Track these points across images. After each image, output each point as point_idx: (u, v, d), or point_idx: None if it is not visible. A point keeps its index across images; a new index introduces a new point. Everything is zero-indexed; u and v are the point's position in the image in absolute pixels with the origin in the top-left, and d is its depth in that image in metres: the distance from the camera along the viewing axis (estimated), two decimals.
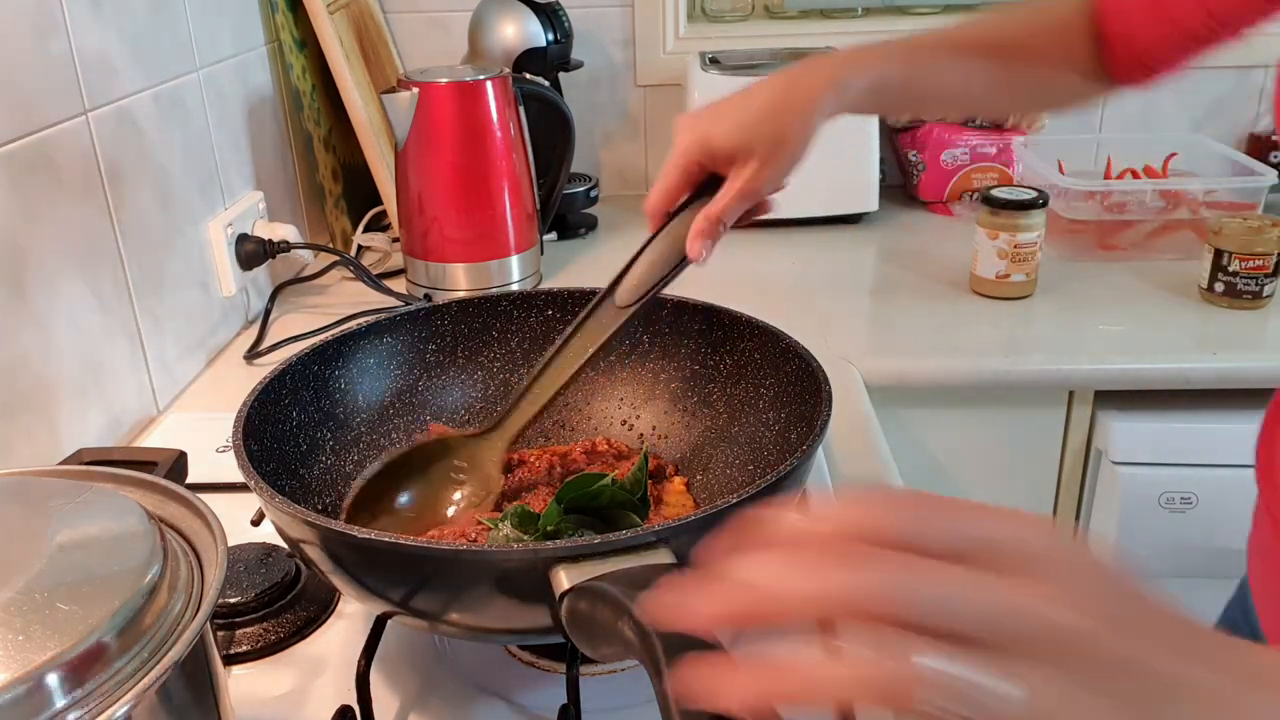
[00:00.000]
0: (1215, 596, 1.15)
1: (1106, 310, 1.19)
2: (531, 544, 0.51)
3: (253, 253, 1.16)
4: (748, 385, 0.77)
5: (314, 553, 0.57)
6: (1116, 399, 1.12)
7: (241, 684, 0.66)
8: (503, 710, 0.64)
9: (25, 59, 0.81)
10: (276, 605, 0.71)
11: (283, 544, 0.73)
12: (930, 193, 1.53)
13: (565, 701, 0.59)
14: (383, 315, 0.80)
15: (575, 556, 0.50)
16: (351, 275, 1.29)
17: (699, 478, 0.77)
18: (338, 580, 0.58)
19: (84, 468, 0.56)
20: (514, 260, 1.22)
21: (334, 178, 1.40)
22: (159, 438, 0.95)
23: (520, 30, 1.36)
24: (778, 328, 0.74)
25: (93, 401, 0.89)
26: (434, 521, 0.71)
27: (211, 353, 1.12)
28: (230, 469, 0.63)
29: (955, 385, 1.09)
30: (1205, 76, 1.56)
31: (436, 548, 0.54)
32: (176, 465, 0.63)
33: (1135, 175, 1.38)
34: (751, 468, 0.74)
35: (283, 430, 0.70)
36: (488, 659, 0.68)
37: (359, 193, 1.45)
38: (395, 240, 1.36)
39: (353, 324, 0.79)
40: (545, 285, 1.27)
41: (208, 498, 0.52)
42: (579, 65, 1.45)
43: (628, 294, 0.71)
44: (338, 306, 1.22)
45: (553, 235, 1.42)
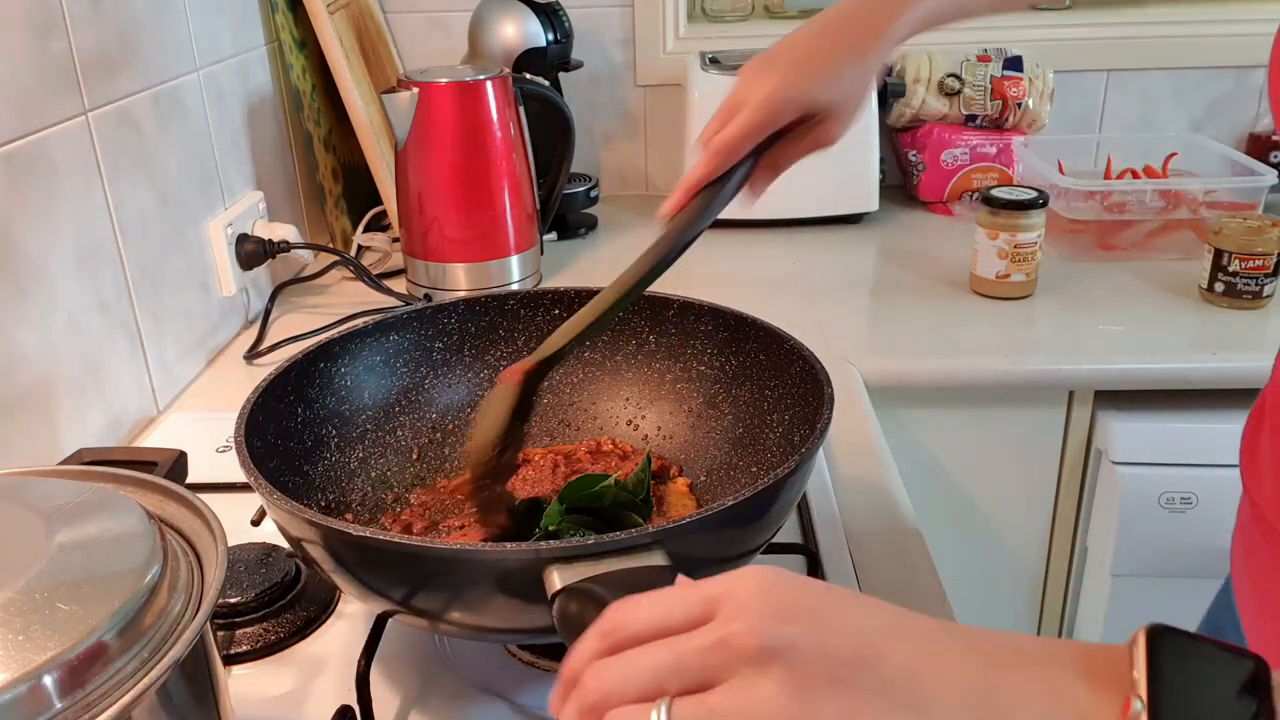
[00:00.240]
0: (1214, 596, 1.15)
1: (1106, 310, 1.18)
2: (528, 544, 0.51)
3: (253, 253, 1.16)
4: (752, 387, 0.76)
5: (315, 551, 0.57)
6: (1116, 399, 1.12)
7: (241, 684, 0.66)
8: (503, 710, 0.64)
9: (25, 59, 0.81)
10: (276, 605, 0.71)
11: (283, 544, 0.73)
12: (930, 193, 1.53)
13: None
14: (389, 313, 0.80)
15: (569, 557, 0.50)
16: (351, 275, 1.29)
17: (702, 479, 0.77)
18: (338, 578, 0.58)
19: (84, 468, 0.56)
20: (514, 260, 1.22)
21: (334, 178, 1.40)
22: (159, 438, 0.95)
23: (520, 30, 1.36)
24: (782, 330, 0.74)
25: (93, 401, 0.89)
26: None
27: (211, 353, 1.12)
28: (230, 469, 0.63)
29: (955, 385, 1.09)
30: (1205, 76, 1.56)
31: (436, 547, 0.54)
32: (176, 465, 0.63)
33: (1135, 175, 1.38)
34: (755, 469, 0.74)
35: (287, 427, 0.70)
36: (488, 659, 0.68)
37: (359, 193, 1.45)
38: (395, 240, 1.36)
39: (359, 321, 0.79)
40: (546, 285, 1.27)
41: (208, 498, 0.52)
42: (579, 65, 1.45)
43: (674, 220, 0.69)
44: (338, 306, 1.22)
45: (553, 235, 1.42)
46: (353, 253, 1.38)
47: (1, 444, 0.77)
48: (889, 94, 1.48)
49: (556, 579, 0.49)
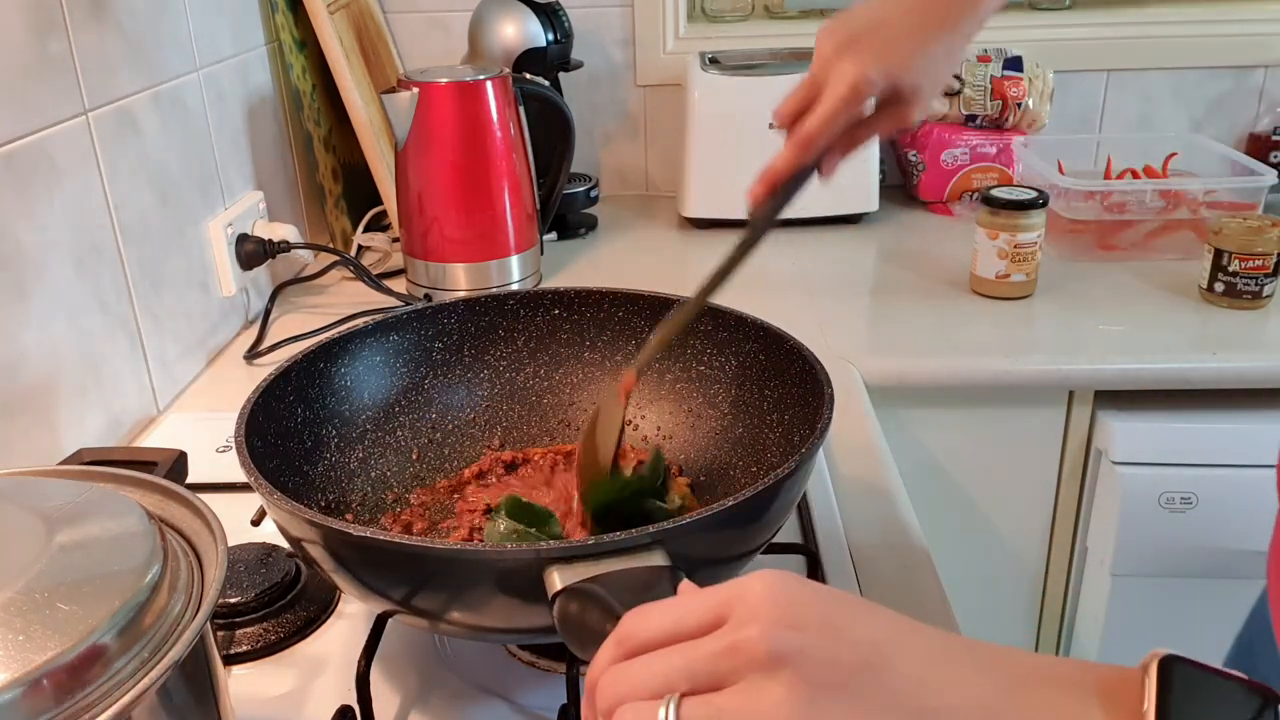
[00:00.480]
0: (1215, 596, 1.15)
1: (1106, 310, 1.18)
2: (528, 544, 0.51)
3: (253, 253, 1.16)
4: (752, 387, 0.77)
5: (315, 551, 0.57)
6: (1116, 399, 1.12)
7: (241, 684, 0.66)
8: (503, 710, 0.64)
9: (25, 59, 0.81)
10: (276, 605, 0.71)
11: (283, 544, 0.73)
12: (930, 193, 1.52)
13: (565, 701, 0.59)
14: (389, 313, 0.80)
15: (570, 557, 0.50)
16: (351, 275, 1.29)
17: (702, 479, 0.77)
18: (338, 579, 0.58)
19: (84, 468, 0.56)
20: (514, 260, 1.22)
21: (334, 178, 1.40)
22: (159, 438, 0.95)
23: (520, 30, 1.36)
24: (782, 330, 0.74)
25: (93, 401, 0.89)
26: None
27: (211, 353, 1.12)
28: (230, 469, 0.63)
29: (955, 385, 1.09)
30: (1205, 76, 1.56)
31: (436, 547, 0.54)
32: (176, 465, 0.63)
33: (1135, 175, 1.38)
34: (755, 469, 0.74)
35: (287, 427, 0.70)
36: (488, 659, 0.68)
37: (359, 193, 1.45)
38: (395, 240, 1.36)
39: (359, 321, 0.79)
40: (547, 285, 1.27)
41: (208, 498, 0.52)
42: (579, 65, 1.45)
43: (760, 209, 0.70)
44: (338, 306, 1.22)
45: (553, 235, 1.42)
46: (353, 253, 1.38)
47: (1, 444, 0.77)
48: None
49: (557, 579, 0.49)
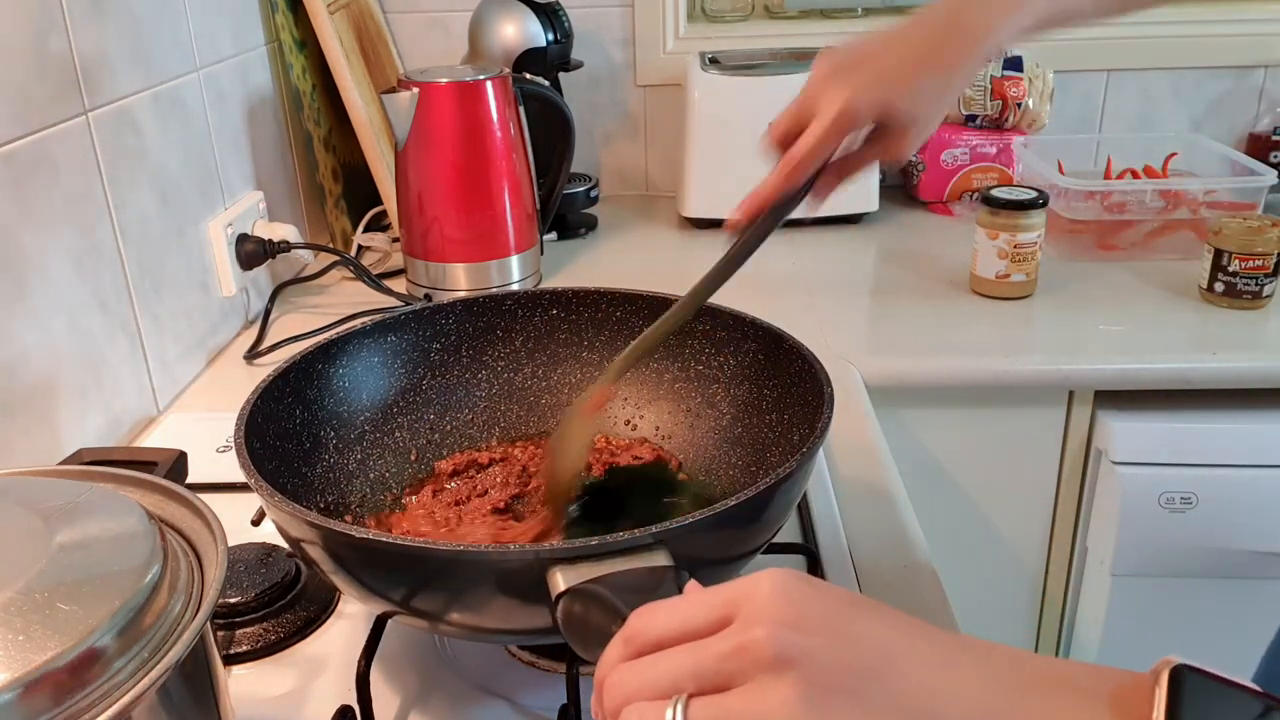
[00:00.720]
0: (1215, 596, 1.15)
1: (1106, 310, 1.18)
2: (529, 545, 0.51)
3: (253, 253, 1.16)
4: (751, 386, 0.76)
5: (315, 552, 0.57)
6: (1116, 399, 1.12)
7: (241, 684, 0.66)
8: (503, 710, 0.64)
9: (25, 59, 0.81)
10: (276, 605, 0.71)
11: (283, 544, 0.73)
12: (930, 193, 1.52)
13: (565, 701, 0.59)
14: (387, 314, 0.80)
15: (573, 558, 0.50)
16: (351, 275, 1.29)
17: (701, 478, 0.77)
18: (338, 580, 0.58)
19: (84, 468, 0.56)
20: (514, 260, 1.22)
21: (334, 178, 1.40)
22: (159, 438, 0.95)
23: (520, 30, 1.36)
24: (781, 329, 0.74)
25: (93, 401, 0.89)
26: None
27: (211, 353, 1.12)
28: (230, 469, 0.63)
29: (955, 385, 1.09)
30: (1205, 76, 1.56)
31: (436, 548, 0.54)
32: (176, 465, 0.63)
33: (1135, 175, 1.38)
34: (754, 469, 0.74)
35: (286, 428, 0.70)
36: (488, 659, 0.68)
37: (359, 193, 1.45)
38: (395, 240, 1.36)
39: (357, 322, 0.79)
40: (546, 285, 1.27)
41: (208, 498, 0.52)
42: (579, 65, 1.45)
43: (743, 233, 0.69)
44: (338, 306, 1.22)
45: (553, 235, 1.42)
46: (353, 253, 1.38)
47: (1, 444, 0.77)
48: None
49: (560, 580, 0.49)
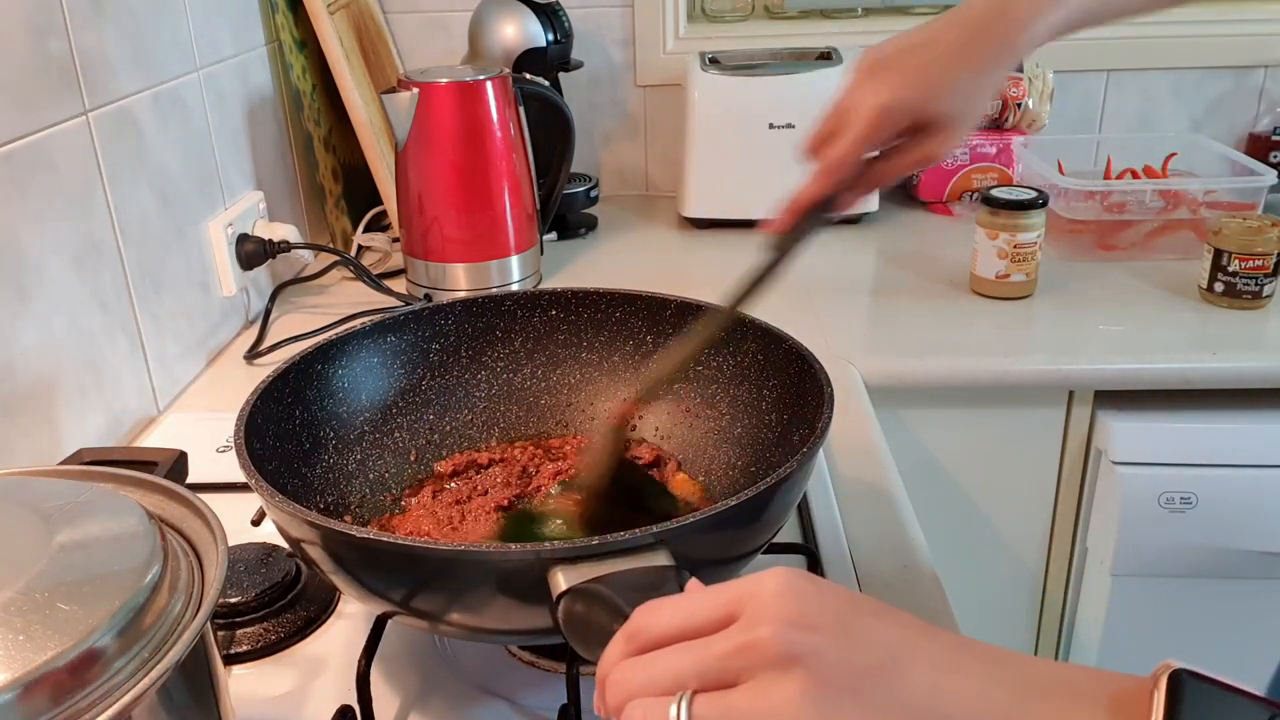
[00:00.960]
0: (1215, 596, 1.15)
1: (1106, 310, 1.18)
2: (531, 545, 0.51)
3: (253, 253, 1.16)
4: (750, 386, 0.76)
5: (315, 552, 0.57)
6: (1116, 399, 1.12)
7: (241, 684, 0.66)
8: (503, 710, 0.64)
9: (25, 59, 0.81)
10: (276, 605, 0.71)
11: (283, 544, 0.73)
12: (930, 193, 1.52)
13: (565, 701, 0.59)
14: (386, 314, 0.80)
15: (574, 558, 0.50)
16: (352, 275, 1.29)
17: (701, 479, 0.77)
18: (338, 580, 0.58)
19: (84, 468, 0.56)
20: (514, 260, 1.22)
21: (334, 178, 1.40)
22: (159, 438, 0.95)
23: (520, 30, 1.36)
24: (781, 330, 0.74)
25: (93, 402, 0.89)
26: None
27: (212, 353, 1.12)
28: (230, 469, 0.63)
29: (955, 385, 1.09)
30: (1205, 76, 1.56)
31: (437, 548, 0.54)
32: (177, 465, 0.63)
33: (1135, 175, 1.38)
34: (754, 469, 0.74)
35: (285, 429, 0.70)
36: (488, 659, 0.68)
37: (359, 193, 1.45)
38: (395, 240, 1.36)
39: (356, 323, 0.79)
40: (546, 285, 1.27)
41: (208, 498, 0.52)
42: (579, 65, 1.45)
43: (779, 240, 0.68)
44: (338, 306, 1.22)
45: (553, 235, 1.42)
46: (353, 253, 1.38)
47: (1, 444, 0.77)
48: None
49: (561, 580, 0.49)
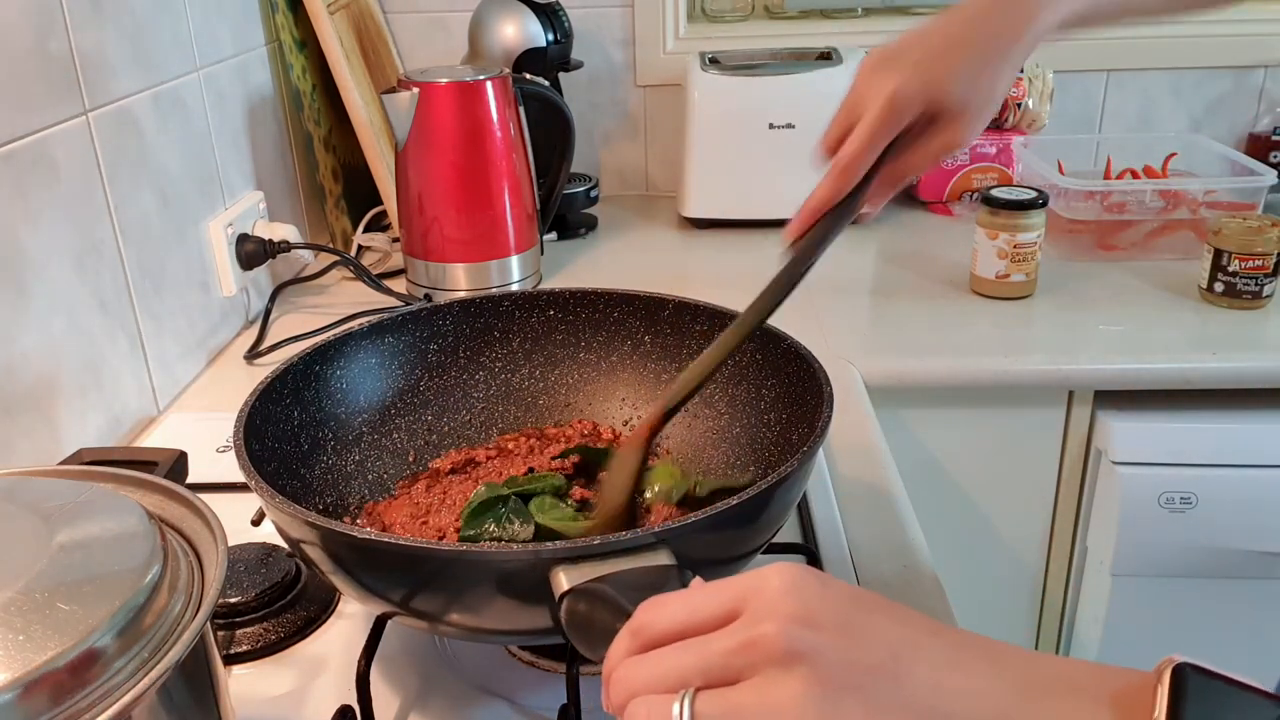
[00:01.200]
0: (1215, 596, 1.15)
1: (1106, 310, 1.18)
2: (531, 545, 0.51)
3: (253, 253, 1.16)
4: (749, 386, 0.76)
5: (314, 553, 0.57)
6: (1116, 399, 1.12)
7: (241, 684, 0.66)
8: (503, 710, 0.64)
9: (25, 59, 0.81)
10: (276, 605, 0.71)
11: (283, 544, 0.73)
12: (930, 193, 1.53)
13: (565, 701, 0.59)
14: (385, 315, 0.80)
15: (575, 558, 0.50)
16: (351, 275, 1.29)
17: (700, 479, 0.77)
18: (338, 580, 0.58)
19: (84, 468, 0.56)
20: (514, 260, 1.22)
21: (334, 178, 1.40)
22: (159, 438, 0.95)
23: (520, 30, 1.36)
24: (779, 329, 0.74)
25: (93, 402, 0.89)
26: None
27: (212, 353, 1.12)
28: (230, 469, 0.63)
29: (955, 385, 1.09)
30: (1205, 76, 1.56)
31: (437, 548, 0.54)
32: (177, 465, 0.63)
33: (1135, 175, 1.38)
34: (753, 469, 0.74)
35: (284, 430, 0.70)
36: (488, 659, 0.68)
37: (359, 193, 1.45)
38: (395, 240, 1.36)
39: (354, 324, 0.79)
40: (545, 285, 1.27)
41: (208, 498, 0.52)
42: (579, 65, 1.45)
43: (797, 245, 0.66)
44: (338, 306, 1.22)
45: (553, 235, 1.42)
46: (353, 253, 1.38)
47: (1, 444, 0.77)
48: None
49: (564, 579, 0.49)
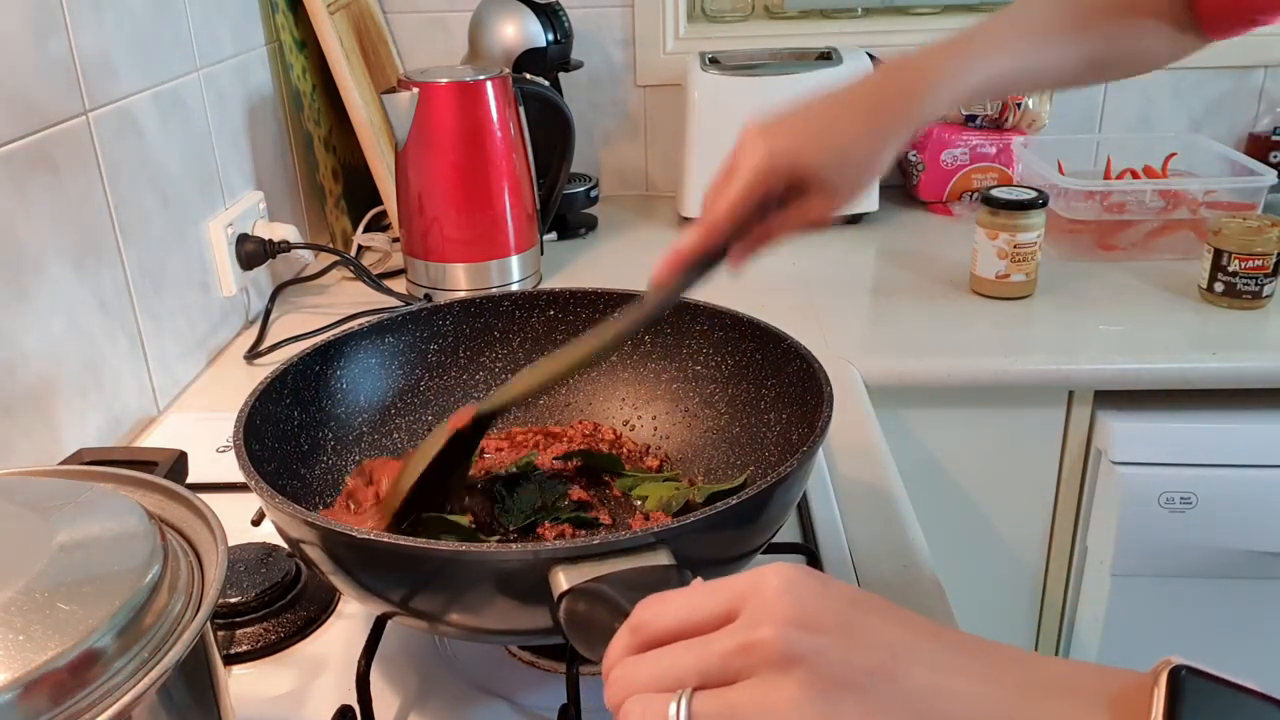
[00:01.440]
0: (1215, 596, 1.15)
1: (1106, 310, 1.18)
2: (531, 545, 0.51)
3: (253, 253, 1.16)
4: (749, 386, 0.77)
5: (314, 553, 0.57)
6: (1116, 399, 1.12)
7: (241, 684, 0.67)
8: (503, 710, 0.64)
9: (25, 59, 0.81)
10: (276, 605, 0.71)
11: (283, 544, 0.73)
12: (930, 193, 1.53)
13: (565, 701, 0.59)
14: (385, 315, 0.80)
15: (574, 557, 0.50)
16: (352, 275, 1.29)
17: (700, 479, 0.77)
18: (337, 580, 0.58)
19: (84, 468, 0.56)
20: (514, 260, 1.22)
21: (334, 178, 1.40)
22: (159, 438, 0.95)
23: (520, 30, 1.36)
24: (779, 329, 0.74)
25: (93, 402, 0.89)
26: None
27: (212, 353, 1.12)
28: (230, 469, 0.63)
29: (955, 385, 1.09)
30: (1205, 76, 1.56)
31: (436, 548, 0.54)
32: (177, 465, 0.63)
33: (1135, 175, 1.38)
34: (753, 469, 0.74)
35: (284, 430, 0.70)
36: (488, 659, 0.68)
37: (359, 193, 1.45)
38: (395, 240, 1.36)
39: (354, 324, 0.79)
40: (545, 285, 1.27)
41: (208, 498, 0.52)
42: (579, 65, 1.45)
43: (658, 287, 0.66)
44: (338, 306, 1.22)
45: (553, 235, 1.42)
46: (353, 253, 1.38)
47: (2, 444, 0.77)
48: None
49: (563, 579, 0.49)
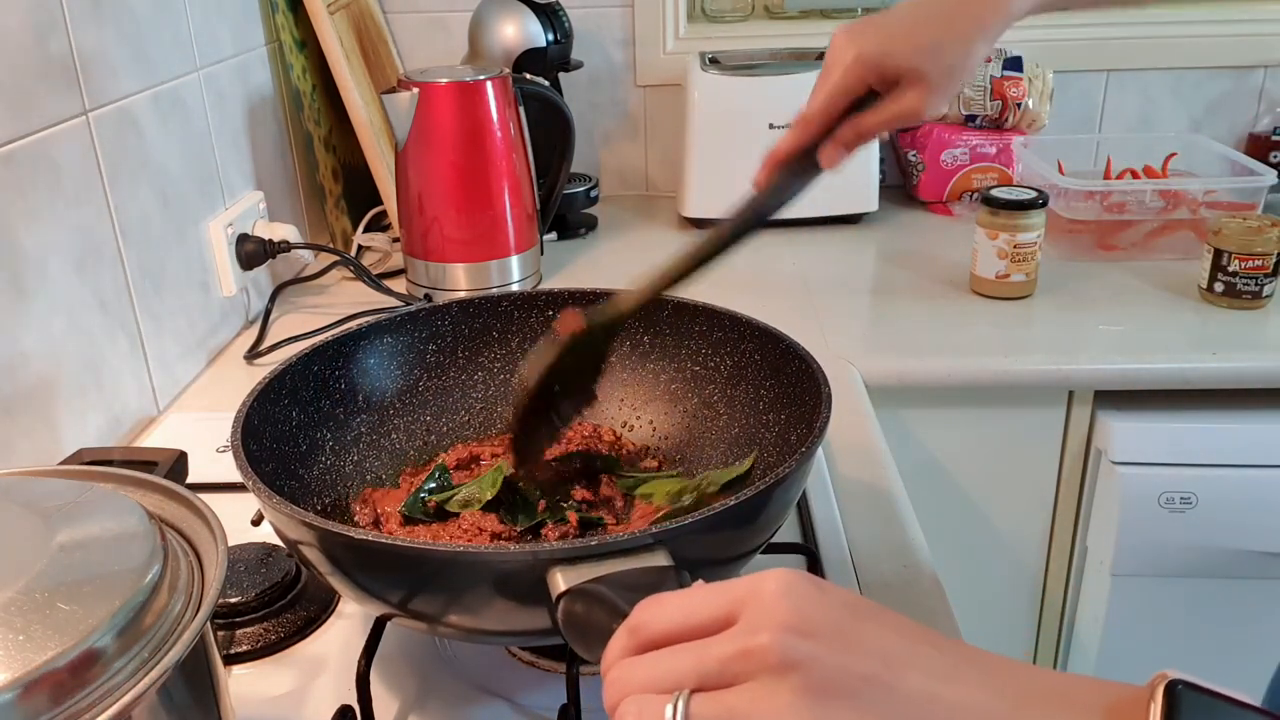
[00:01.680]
0: (1215, 596, 1.15)
1: (1106, 310, 1.19)
2: (528, 546, 0.51)
3: (253, 253, 1.16)
4: (748, 386, 0.77)
5: (312, 554, 0.57)
6: (1116, 399, 1.12)
7: (241, 684, 0.67)
8: (503, 710, 0.64)
9: (25, 59, 0.81)
10: (276, 605, 0.71)
11: (282, 544, 0.73)
12: (930, 193, 1.52)
13: (565, 701, 0.59)
14: (383, 315, 0.80)
15: (572, 558, 0.50)
16: (352, 275, 1.29)
17: (708, 477, 0.77)
18: (336, 581, 0.58)
19: (84, 468, 0.56)
20: (514, 260, 1.22)
21: (334, 178, 1.40)
22: (159, 438, 0.95)
23: (520, 30, 1.36)
24: (778, 329, 0.74)
25: (93, 401, 0.89)
26: None
27: (212, 353, 1.12)
28: (230, 469, 0.63)
29: (955, 385, 1.09)
30: (1205, 76, 1.56)
31: (435, 549, 0.54)
32: (177, 465, 0.63)
33: (1135, 175, 1.38)
34: (752, 469, 0.74)
35: (282, 431, 0.70)
36: (488, 659, 0.68)
37: (359, 193, 1.45)
38: (395, 240, 1.36)
39: (353, 324, 0.79)
40: (545, 285, 1.27)
41: (208, 498, 0.52)
42: (579, 65, 1.45)
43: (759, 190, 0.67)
44: (338, 306, 1.22)
45: (553, 235, 1.42)
46: (353, 253, 1.38)
47: (1, 444, 0.77)
48: None
49: (561, 580, 0.49)
